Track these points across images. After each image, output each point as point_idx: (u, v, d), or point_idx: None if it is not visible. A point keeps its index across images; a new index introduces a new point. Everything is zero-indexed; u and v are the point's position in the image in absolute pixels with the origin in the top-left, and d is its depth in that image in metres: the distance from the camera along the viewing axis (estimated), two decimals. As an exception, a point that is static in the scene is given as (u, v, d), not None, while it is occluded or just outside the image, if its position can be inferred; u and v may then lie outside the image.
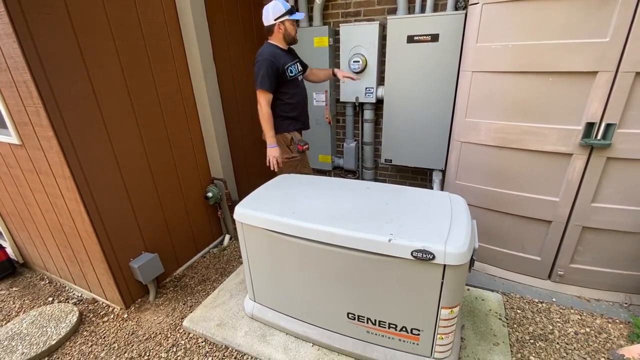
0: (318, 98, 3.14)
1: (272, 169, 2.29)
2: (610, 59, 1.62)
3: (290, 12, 2.14)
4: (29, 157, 1.91)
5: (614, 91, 1.66)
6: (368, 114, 3.05)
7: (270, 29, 2.20)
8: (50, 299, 2.39)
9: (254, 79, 2.17)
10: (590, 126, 1.75)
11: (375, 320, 1.55)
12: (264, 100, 2.17)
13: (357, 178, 3.41)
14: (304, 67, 2.46)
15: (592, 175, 1.84)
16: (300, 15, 2.19)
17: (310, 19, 3.01)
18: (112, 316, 2.17)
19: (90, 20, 1.76)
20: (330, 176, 3.43)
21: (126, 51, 1.96)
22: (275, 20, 2.14)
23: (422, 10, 2.57)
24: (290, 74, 2.23)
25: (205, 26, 2.43)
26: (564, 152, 1.85)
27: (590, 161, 1.82)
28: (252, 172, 3.31)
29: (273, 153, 2.24)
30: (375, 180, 3.41)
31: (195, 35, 2.33)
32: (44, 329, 2.02)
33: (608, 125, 1.71)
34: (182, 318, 2.09)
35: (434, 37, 2.43)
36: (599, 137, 1.75)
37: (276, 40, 2.22)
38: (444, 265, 1.28)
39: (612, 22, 1.57)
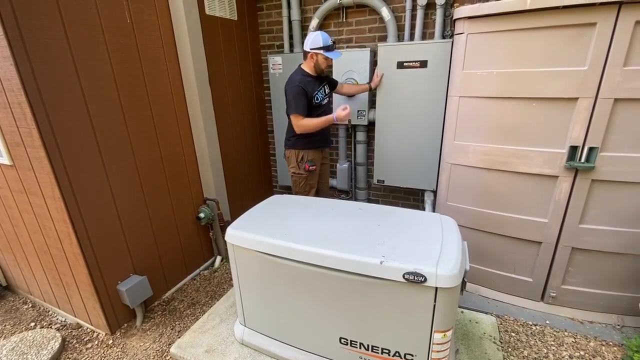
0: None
1: (348, 117, 2.34)
2: (589, 86, 1.69)
3: (326, 48, 2.26)
4: (19, 177, 1.90)
5: (594, 116, 1.73)
6: (360, 136, 3.11)
7: (305, 54, 2.38)
8: (33, 324, 2.30)
9: (286, 103, 2.38)
10: (573, 149, 1.81)
11: (368, 345, 1.52)
12: (299, 121, 2.35)
13: (351, 198, 3.42)
14: (333, 85, 2.64)
15: (579, 196, 1.88)
16: (335, 55, 2.32)
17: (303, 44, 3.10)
18: (96, 342, 2.09)
19: (89, 45, 1.81)
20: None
21: (123, 74, 2.00)
22: (310, 49, 2.30)
23: (411, 38, 2.68)
24: (316, 101, 2.41)
25: (202, 50, 2.50)
26: (550, 175, 1.90)
27: (576, 183, 1.86)
28: (245, 193, 3.31)
29: (339, 116, 2.30)
30: (369, 200, 3.42)
31: (191, 59, 2.38)
32: (25, 356, 1.93)
33: (591, 149, 1.77)
34: (169, 344, 2.02)
35: (423, 63, 2.52)
36: (582, 160, 1.80)
37: (306, 66, 2.40)
38: (436, 288, 1.27)
39: (590, 52, 1.66)
